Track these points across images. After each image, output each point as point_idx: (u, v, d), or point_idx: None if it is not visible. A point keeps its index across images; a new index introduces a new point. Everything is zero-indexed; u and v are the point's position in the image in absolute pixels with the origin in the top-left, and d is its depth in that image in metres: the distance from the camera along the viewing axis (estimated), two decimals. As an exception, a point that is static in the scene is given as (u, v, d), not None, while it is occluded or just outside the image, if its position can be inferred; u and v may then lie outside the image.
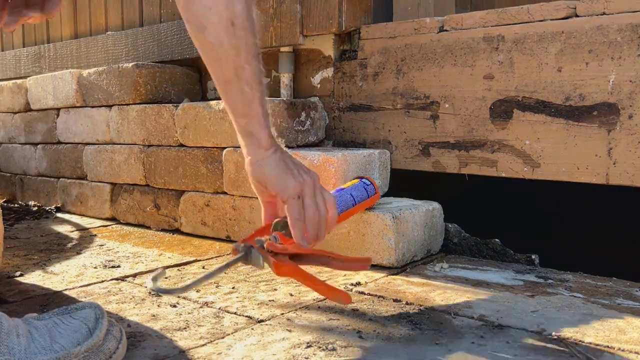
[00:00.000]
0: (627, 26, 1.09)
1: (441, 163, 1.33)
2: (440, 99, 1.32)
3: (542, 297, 1.00)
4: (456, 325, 0.87)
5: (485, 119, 1.26)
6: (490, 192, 1.41)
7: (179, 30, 1.76)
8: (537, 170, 1.20)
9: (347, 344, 0.80)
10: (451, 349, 0.78)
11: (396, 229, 1.16)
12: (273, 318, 0.91)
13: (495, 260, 1.26)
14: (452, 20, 1.30)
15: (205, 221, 1.49)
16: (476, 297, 1.00)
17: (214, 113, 1.44)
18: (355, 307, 0.95)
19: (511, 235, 1.30)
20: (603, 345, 0.79)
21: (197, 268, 1.21)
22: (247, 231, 1.40)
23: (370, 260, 0.99)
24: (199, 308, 0.96)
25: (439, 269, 1.18)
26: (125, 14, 2.01)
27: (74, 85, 1.87)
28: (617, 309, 0.94)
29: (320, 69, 1.52)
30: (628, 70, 1.09)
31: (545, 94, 1.18)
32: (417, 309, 0.94)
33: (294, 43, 1.49)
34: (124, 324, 0.88)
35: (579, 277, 1.12)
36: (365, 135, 1.44)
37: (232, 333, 0.85)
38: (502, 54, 1.23)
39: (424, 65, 1.33)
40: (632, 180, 1.10)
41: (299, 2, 1.46)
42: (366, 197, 1.15)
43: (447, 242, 1.32)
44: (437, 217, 1.29)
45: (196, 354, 0.78)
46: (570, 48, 1.15)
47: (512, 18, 1.22)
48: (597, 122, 1.13)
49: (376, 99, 1.42)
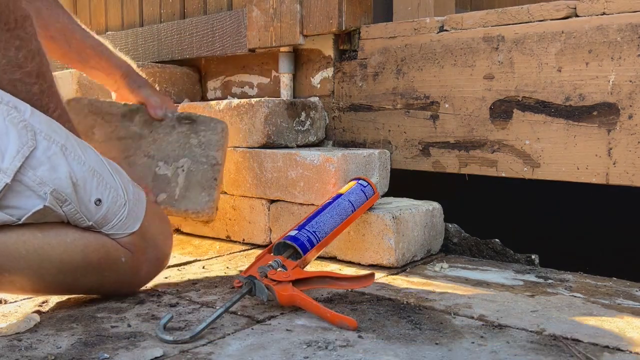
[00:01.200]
0: (627, 26, 1.09)
1: (441, 163, 1.33)
2: (440, 99, 1.32)
3: (542, 297, 1.00)
4: (456, 325, 0.87)
5: (485, 119, 1.26)
6: (490, 192, 1.41)
7: (179, 30, 1.76)
8: (537, 170, 1.20)
9: (347, 344, 0.80)
10: (451, 349, 0.78)
11: (396, 229, 1.16)
12: (273, 318, 0.91)
13: (495, 260, 1.26)
14: (452, 20, 1.30)
15: (205, 221, 1.49)
16: (476, 297, 1.00)
17: (213, 113, 1.44)
18: (355, 307, 0.95)
19: (511, 235, 1.30)
20: (603, 345, 0.79)
21: (197, 268, 1.21)
22: (247, 231, 1.40)
23: (374, 275, 1.00)
24: (199, 308, 0.96)
25: (439, 269, 1.18)
26: (125, 14, 2.02)
27: (74, 85, 1.87)
28: (617, 309, 0.94)
29: (320, 69, 1.52)
30: (628, 70, 1.09)
31: (545, 94, 1.18)
32: (417, 309, 0.94)
33: (294, 43, 1.49)
34: (123, 323, 0.88)
35: (579, 277, 1.12)
36: (365, 135, 1.44)
37: (232, 333, 0.85)
38: (502, 54, 1.23)
39: (424, 65, 1.34)
40: (632, 180, 1.10)
41: (299, 2, 1.46)
42: (365, 200, 1.15)
43: (447, 242, 1.32)
44: (437, 217, 1.29)
45: (196, 353, 0.78)
46: (570, 48, 1.15)
47: (512, 18, 1.22)
48: (597, 122, 1.13)
49: (376, 99, 1.42)
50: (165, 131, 1.25)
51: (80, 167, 0.90)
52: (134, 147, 1.23)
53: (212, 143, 1.23)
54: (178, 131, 1.25)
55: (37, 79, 0.90)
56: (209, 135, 1.24)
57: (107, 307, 0.96)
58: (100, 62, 1.24)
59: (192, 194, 1.20)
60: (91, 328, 0.87)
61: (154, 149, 1.23)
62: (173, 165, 1.21)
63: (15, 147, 0.84)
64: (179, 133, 1.24)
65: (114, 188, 0.94)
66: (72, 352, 0.78)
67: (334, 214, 1.09)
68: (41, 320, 0.90)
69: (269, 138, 1.36)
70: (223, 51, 1.66)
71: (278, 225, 1.34)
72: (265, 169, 1.33)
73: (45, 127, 0.89)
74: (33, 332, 0.85)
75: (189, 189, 1.20)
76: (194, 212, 1.19)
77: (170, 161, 1.22)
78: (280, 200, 1.33)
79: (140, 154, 1.23)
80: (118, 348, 0.79)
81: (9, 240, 0.87)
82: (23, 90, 0.89)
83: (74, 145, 0.92)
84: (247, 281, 0.93)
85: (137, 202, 0.98)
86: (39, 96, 0.91)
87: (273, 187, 1.33)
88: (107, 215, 0.93)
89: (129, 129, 1.25)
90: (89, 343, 0.81)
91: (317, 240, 1.03)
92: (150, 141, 1.24)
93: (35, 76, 0.90)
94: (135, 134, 1.25)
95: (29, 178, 0.85)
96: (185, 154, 1.22)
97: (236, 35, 1.62)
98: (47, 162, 0.87)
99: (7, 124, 0.85)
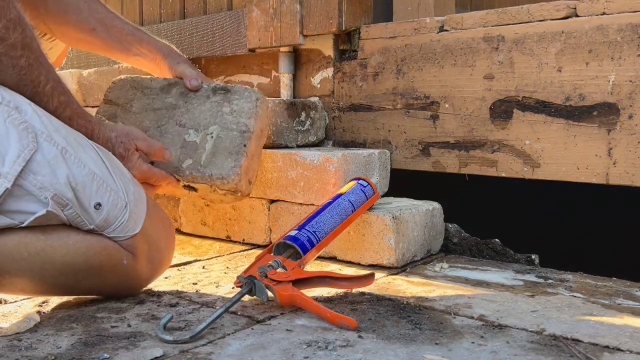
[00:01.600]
0: (627, 26, 1.09)
1: (441, 163, 1.33)
2: (440, 99, 1.32)
3: (542, 297, 1.00)
4: (456, 325, 0.87)
5: (485, 119, 1.26)
6: (490, 192, 1.41)
7: (179, 30, 1.76)
8: (537, 170, 1.20)
9: (347, 343, 0.80)
10: (451, 349, 0.78)
11: (396, 229, 1.16)
12: (273, 318, 0.91)
13: (495, 260, 1.26)
14: (452, 20, 1.30)
15: (205, 221, 1.49)
16: (476, 297, 1.00)
17: (214, 113, 1.44)
18: (355, 307, 0.95)
19: (511, 235, 1.30)
20: (603, 345, 0.79)
21: (197, 268, 1.21)
22: (247, 231, 1.40)
23: (374, 275, 1.00)
24: (199, 308, 0.96)
25: (439, 269, 1.18)
26: (125, 14, 2.01)
27: (74, 85, 1.87)
28: (617, 309, 0.94)
29: (320, 69, 1.52)
30: (628, 70, 1.09)
31: (545, 94, 1.18)
32: (417, 309, 0.94)
33: (294, 43, 1.49)
34: (123, 323, 0.88)
35: (579, 277, 1.12)
36: (365, 135, 1.44)
37: (232, 333, 0.85)
38: (502, 54, 1.23)
39: (424, 65, 1.34)
40: (632, 180, 1.10)
41: (299, 2, 1.46)
42: (365, 200, 1.15)
43: (447, 242, 1.32)
44: (437, 217, 1.29)
45: (196, 353, 0.78)
46: (570, 48, 1.15)
47: (512, 18, 1.22)
48: (597, 122, 1.13)
49: (376, 99, 1.42)
50: (200, 101, 1.24)
51: (80, 170, 0.90)
52: (167, 117, 1.23)
53: (244, 110, 1.21)
54: (212, 100, 1.24)
55: (23, 50, 0.87)
56: (242, 103, 1.22)
57: (107, 307, 0.96)
58: (141, 48, 1.24)
59: (218, 160, 1.17)
60: (91, 328, 0.87)
61: (186, 118, 1.23)
62: (203, 132, 1.20)
63: (16, 151, 0.84)
64: (212, 102, 1.23)
65: (115, 190, 0.94)
66: (72, 352, 0.78)
67: (334, 214, 1.09)
68: (41, 320, 0.90)
69: (268, 138, 1.36)
70: (223, 51, 1.66)
71: (278, 225, 1.34)
72: (265, 168, 1.33)
73: (46, 127, 0.88)
74: (33, 332, 0.85)
75: (216, 154, 1.18)
76: (218, 178, 1.16)
77: (200, 129, 1.21)
78: (280, 200, 1.33)
79: (173, 123, 1.23)
80: (118, 348, 0.79)
81: (11, 243, 0.86)
82: (9, 64, 0.86)
83: (74, 145, 0.91)
84: (247, 281, 0.93)
85: (138, 203, 0.98)
86: (27, 69, 0.88)
87: (273, 187, 1.33)
88: (108, 219, 0.93)
89: (165, 100, 1.25)
90: (89, 343, 0.81)
91: (317, 240, 1.03)
92: (184, 111, 1.24)
93: (20, 48, 0.86)
94: (170, 104, 1.25)
95: (29, 182, 0.85)
96: (216, 122, 1.21)
97: (236, 35, 1.62)
98: (48, 166, 0.86)
99: (8, 125, 0.84)
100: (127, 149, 1.04)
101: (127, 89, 1.28)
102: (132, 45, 1.24)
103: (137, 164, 1.06)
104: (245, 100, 1.23)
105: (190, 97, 1.25)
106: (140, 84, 1.29)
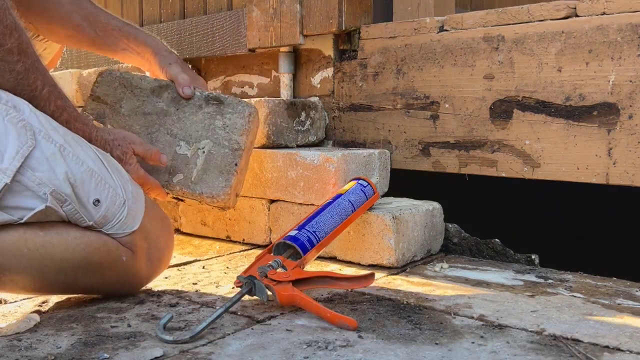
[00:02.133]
0: (627, 26, 1.09)
1: (441, 163, 1.33)
2: (440, 99, 1.32)
3: (542, 297, 1.00)
4: (456, 325, 0.87)
5: (485, 119, 1.26)
6: (490, 192, 1.41)
7: (179, 30, 1.76)
8: (537, 170, 1.20)
9: (347, 344, 0.80)
10: (451, 349, 0.78)
11: (396, 229, 1.16)
12: (273, 318, 0.91)
13: (495, 260, 1.26)
14: (452, 20, 1.30)
15: (205, 221, 1.49)
16: (476, 297, 1.00)
17: (214, 113, 1.44)
18: (355, 307, 0.95)
19: (511, 235, 1.30)
20: (603, 345, 0.79)
21: (197, 268, 1.21)
22: (247, 231, 1.40)
23: (374, 275, 1.01)
24: (199, 308, 0.96)
25: (439, 269, 1.18)
26: (125, 14, 2.01)
27: (74, 85, 1.87)
28: (617, 309, 0.94)
29: (320, 69, 1.52)
30: (628, 70, 1.09)
31: (545, 94, 1.18)
32: (417, 309, 0.94)
33: (294, 43, 1.49)
34: (123, 323, 0.88)
35: (579, 277, 1.12)
36: (365, 135, 1.44)
37: (232, 333, 0.85)
38: (502, 54, 1.23)
39: (424, 65, 1.34)
40: (632, 180, 1.10)
41: (299, 2, 1.46)
42: (365, 200, 1.15)
43: (447, 242, 1.32)
44: (437, 217, 1.29)
45: (196, 353, 0.78)
46: (570, 48, 1.15)
47: (512, 18, 1.22)
48: (597, 122, 1.13)
49: (376, 99, 1.42)
50: (192, 110, 1.23)
51: (78, 167, 0.90)
52: (158, 124, 1.22)
53: (236, 127, 1.21)
54: (204, 111, 1.23)
55: (20, 56, 0.88)
56: (235, 118, 1.21)
57: (107, 307, 0.96)
58: (128, 43, 1.23)
59: (209, 178, 1.17)
60: (91, 328, 0.87)
61: (177, 127, 1.22)
62: (194, 146, 1.19)
63: (14, 147, 0.84)
64: (204, 113, 1.22)
65: (113, 187, 0.94)
66: (72, 352, 0.78)
67: (334, 214, 1.09)
68: (41, 320, 0.90)
69: (268, 138, 1.36)
70: (223, 51, 1.66)
71: (278, 225, 1.34)
72: (265, 169, 1.33)
73: (44, 126, 0.88)
74: (33, 332, 0.85)
75: (207, 172, 1.18)
76: (209, 197, 1.16)
77: (191, 141, 1.20)
78: (280, 200, 1.33)
79: (164, 131, 1.22)
80: (118, 348, 0.79)
81: (10, 239, 0.87)
82: (6, 69, 0.87)
83: (72, 144, 0.91)
84: (247, 281, 0.93)
85: (136, 201, 0.98)
86: (23, 74, 0.89)
87: (273, 187, 1.33)
88: (107, 215, 0.93)
89: (156, 105, 1.24)
90: (89, 343, 0.81)
91: (317, 240, 1.03)
92: (175, 119, 1.22)
93: (17, 53, 0.87)
94: (161, 110, 1.23)
95: (28, 178, 0.85)
96: (208, 136, 1.20)
97: (236, 35, 1.62)
98: (46, 162, 0.87)
99: (7, 123, 0.85)
100: (124, 152, 1.04)
101: (115, 86, 1.25)
102: (119, 40, 1.22)
103: (135, 168, 1.06)
104: (238, 115, 1.22)
105: (182, 104, 1.24)
106: (129, 82, 1.26)
